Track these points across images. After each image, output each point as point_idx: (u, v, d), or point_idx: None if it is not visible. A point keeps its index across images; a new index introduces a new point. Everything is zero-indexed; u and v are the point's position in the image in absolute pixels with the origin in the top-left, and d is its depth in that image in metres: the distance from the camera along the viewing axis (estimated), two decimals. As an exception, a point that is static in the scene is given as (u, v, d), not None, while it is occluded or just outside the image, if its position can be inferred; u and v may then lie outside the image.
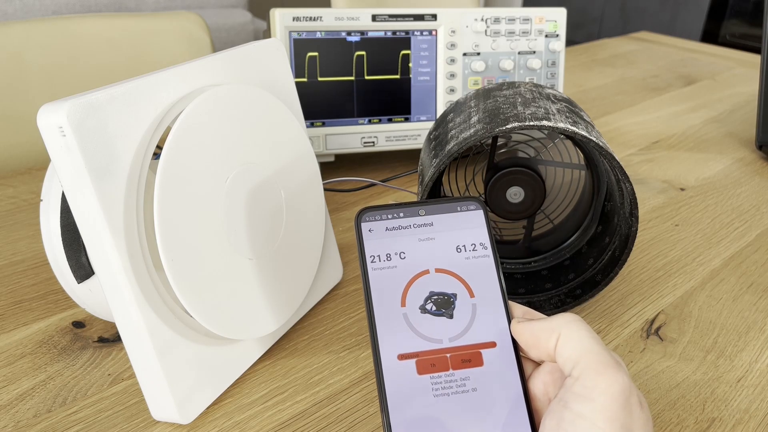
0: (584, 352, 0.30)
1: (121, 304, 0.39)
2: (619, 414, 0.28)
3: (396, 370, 0.33)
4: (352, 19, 0.70)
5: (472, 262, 0.36)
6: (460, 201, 0.37)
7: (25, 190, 0.73)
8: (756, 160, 0.86)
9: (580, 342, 0.30)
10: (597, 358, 0.30)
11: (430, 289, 0.35)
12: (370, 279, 0.35)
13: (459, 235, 0.36)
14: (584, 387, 0.29)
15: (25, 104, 0.93)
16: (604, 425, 0.28)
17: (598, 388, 0.29)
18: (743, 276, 0.60)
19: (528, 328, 0.33)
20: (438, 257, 0.36)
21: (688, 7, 2.76)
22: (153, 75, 0.40)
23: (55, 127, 0.35)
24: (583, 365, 0.30)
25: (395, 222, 0.36)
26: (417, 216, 0.36)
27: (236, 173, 0.44)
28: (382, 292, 0.34)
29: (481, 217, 0.37)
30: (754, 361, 0.49)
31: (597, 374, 0.29)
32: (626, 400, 0.29)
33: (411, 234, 0.36)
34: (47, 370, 0.47)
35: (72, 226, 0.43)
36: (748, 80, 1.22)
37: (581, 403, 0.29)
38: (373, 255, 0.35)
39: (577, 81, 1.19)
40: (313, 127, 0.72)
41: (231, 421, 0.43)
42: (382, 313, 0.34)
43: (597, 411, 0.28)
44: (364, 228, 0.36)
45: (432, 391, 0.32)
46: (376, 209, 0.36)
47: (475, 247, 0.36)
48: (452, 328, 0.34)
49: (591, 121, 0.51)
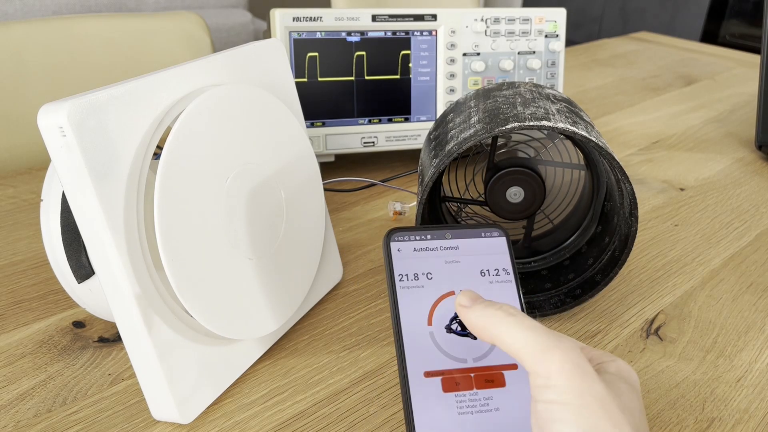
0: (521, 346, 0.30)
1: (122, 304, 0.39)
2: (583, 387, 0.28)
3: (422, 387, 0.34)
4: (352, 20, 0.70)
5: (495, 286, 0.37)
6: (484, 228, 0.39)
7: (25, 190, 0.73)
8: (756, 160, 0.86)
9: (513, 341, 0.30)
10: (536, 343, 0.29)
11: (455, 310, 0.36)
12: (398, 297, 0.36)
13: (483, 260, 0.38)
14: (539, 376, 0.29)
15: (25, 104, 0.93)
16: (575, 400, 0.28)
17: (552, 372, 0.29)
18: (743, 276, 0.60)
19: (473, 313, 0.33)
20: (463, 279, 0.37)
21: (688, 7, 2.76)
22: (153, 75, 0.40)
23: (55, 127, 0.35)
24: (528, 359, 0.29)
25: (423, 243, 0.38)
26: (443, 239, 0.38)
27: (236, 173, 0.44)
28: (409, 310, 0.36)
29: (504, 244, 0.39)
30: (754, 361, 0.49)
31: (545, 360, 0.29)
32: (581, 371, 0.28)
33: (437, 256, 0.37)
34: (47, 369, 0.47)
35: (72, 226, 0.43)
36: (747, 80, 1.22)
37: (544, 392, 0.29)
38: (401, 274, 0.36)
39: (577, 81, 1.19)
40: (313, 127, 0.72)
41: (231, 420, 0.43)
42: (409, 330, 0.35)
43: (562, 392, 0.28)
44: (393, 248, 0.37)
45: (456, 409, 0.33)
46: (404, 230, 0.38)
47: (498, 272, 0.38)
48: (476, 348, 0.36)
49: (591, 121, 0.51)
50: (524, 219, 0.56)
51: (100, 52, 0.98)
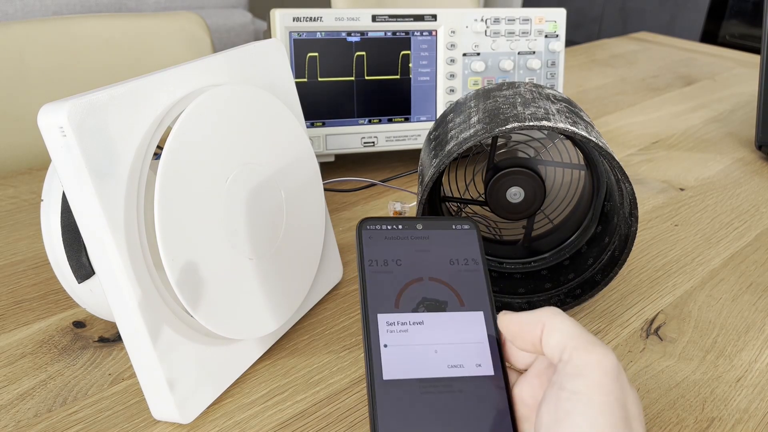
0: (570, 336, 0.31)
1: (122, 304, 0.39)
2: (612, 387, 0.29)
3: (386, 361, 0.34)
4: (352, 20, 0.70)
5: (464, 274, 0.38)
6: (455, 220, 0.40)
7: (25, 190, 0.73)
8: (756, 160, 0.86)
9: (565, 329, 0.32)
10: (584, 338, 0.31)
11: (423, 295, 0.36)
12: (366, 280, 0.36)
13: (453, 250, 0.39)
14: (575, 366, 0.30)
15: (26, 104, 0.94)
16: (600, 398, 0.28)
17: (590, 364, 0.30)
18: (743, 276, 0.60)
19: (514, 320, 0.34)
20: (432, 267, 0.38)
21: (688, 8, 2.76)
22: (153, 75, 0.40)
23: (55, 127, 0.35)
24: (571, 347, 0.31)
25: (394, 233, 0.38)
26: (414, 230, 0.39)
27: (236, 173, 0.44)
28: (377, 293, 0.36)
29: (474, 236, 0.39)
30: (754, 361, 0.49)
31: (587, 352, 0.30)
32: (618, 374, 0.30)
33: (408, 245, 0.38)
34: (48, 369, 0.47)
35: (72, 226, 0.43)
36: (747, 80, 1.22)
37: (575, 380, 0.29)
38: (371, 259, 0.37)
39: (577, 81, 1.19)
40: (313, 127, 0.72)
41: (231, 420, 0.43)
42: (376, 311, 0.35)
43: (592, 386, 0.29)
44: (364, 235, 0.38)
45: (420, 389, 0.33)
46: (377, 220, 0.38)
47: (467, 261, 0.38)
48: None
49: (591, 121, 0.51)
50: (524, 219, 0.56)
51: (100, 52, 0.98)
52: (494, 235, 0.60)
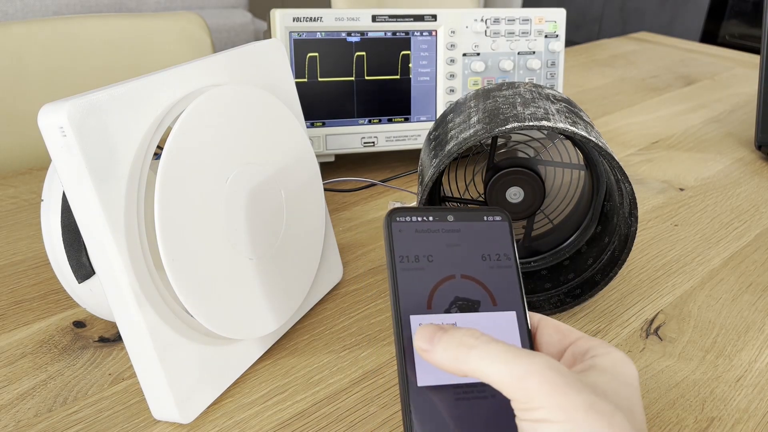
0: (496, 379, 0.30)
1: (122, 304, 0.39)
2: (562, 401, 0.28)
3: (421, 366, 0.33)
4: (352, 20, 0.70)
5: (496, 271, 0.36)
6: (486, 211, 0.38)
7: (25, 190, 0.73)
8: (755, 160, 0.86)
9: (489, 372, 0.30)
10: (509, 376, 0.30)
11: (455, 294, 0.35)
12: (398, 278, 0.35)
13: (484, 244, 0.37)
14: (519, 402, 0.29)
15: (26, 104, 0.94)
16: (559, 415, 0.28)
17: (529, 395, 0.29)
18: (742, 276, 0.60)
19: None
20: (464, 263, 0.36)
21: (688, 8, 2.76)
22: (153, 75, 0.40)
23: (55, 127, 0.35)
24: (505, 389, 0.30)
25: (424, 225, 0.37)
26: (446, 221, 0.37)
27: (236, 173, 0.44)
28: (408, 292, 0.35)
29: (506, 228, 0.38)
30: (753, 361, 0.49)
31: (520, 388, 0.29)
32: (561, 386, 0.29)
33: (439, 239, 0.36)
34: (48, 369, 0.47)
35: (72, 226, 0.43)
36: (747, 80, 1.22)
37: (529, 413, 0.29)
38: (402, 255, 0.35)
39: (577, 81, 1.19)
40: (313, 127, 0.72)
41: (231, 420, 0.43)
42: (409, 313, 0.34)
43: (546, 412, 0.28)
44: (394, 228, 0.36)
45: (453, 394, 0.33)
46: (407, 211, 0.37)
47: (499, 257, 0.37)
48: None
49: (590, 121, 0.51)
50: (524, 219, 0.56)
51: (100, 52, 0.98)
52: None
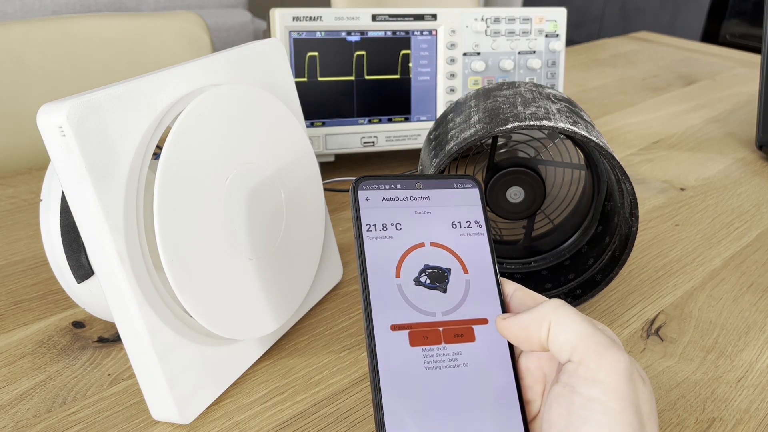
0: (580, 336, 0.30)
1: (121, 304, 0.39)
2: (628, 391, 0.28)
3: (388, 341, 0.32)
4: (352, 19, 0.70)
5: (467, 239, 0.36)
6: (456, 178, 0.37)
7: (24, 190, 0.73)
8: (756, 160, 0.86)
9: (573, 327, 0.30)
10: (594, 340, 0.29)
11: (425, 262, 0.35)
12: (365, 248, 0.34)
13: (454, 211, 0.36)
14: (589, 369, 0.29)
15: (25, 104, 0.93)
16: (616, 404, 0.28)
17: (604, 369, 0.29)
18: (743, 276, 0.60)
19: (515, 323, 0.32)
20: (433, 231, 0.36)
21: (688, 7, 2.76)
22: (153, 75, 0.40)
23: (55, 127, 0.35)
24: (582, 349, 0.29)
25: (392, 193, 0.36)
26: (414, 189, 0.36)
27: (236, 173, 0.44)
28: (376, 261, 0.34)
29: (477, 195, 0.37)
30: (755, 361, 0.49)
31: (600, 356, 0.29)
32: (630, 376, 0.29)
33: (407, 206, 0.36)
34: (47, 370, 0.47)
35: (72, 226, 0.43)
36: (748, 80, 1.22)
37: (589, 386, 0.29)
38: (369, 224, 0.35)
39: (577, 81, 1.19)
40: (313, 127, 0.72)
41: (231, 421, 0.43)
42: (376, 282, 0.34)
43: (607, 391, 0.28)
44: (360, 196, 0.35)
45: (424, 364, 0.32)
46: (374, 178, 0.36)
47: (470, 224, 0.36)
48: (445, 302, 0.34)
49: (591, 121, 0.51)
50: (524, 219, 0.56)
51: (99, 52, 0.98)
52: (494, 235, 0.60)
